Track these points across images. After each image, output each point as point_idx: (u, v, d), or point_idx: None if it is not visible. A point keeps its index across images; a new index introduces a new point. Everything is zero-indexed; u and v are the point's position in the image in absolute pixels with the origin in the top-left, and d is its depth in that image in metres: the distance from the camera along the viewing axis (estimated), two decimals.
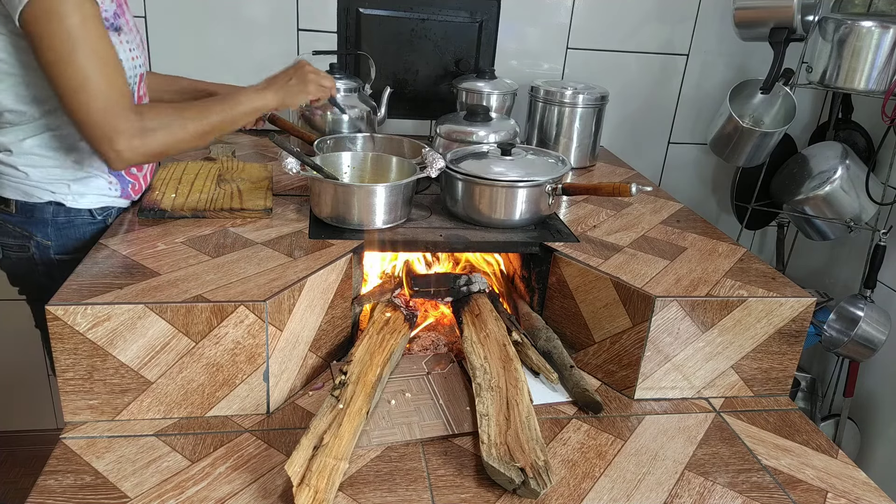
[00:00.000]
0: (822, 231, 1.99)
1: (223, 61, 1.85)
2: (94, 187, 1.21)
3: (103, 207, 1.24)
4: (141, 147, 1.07)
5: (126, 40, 1.15)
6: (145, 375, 1.01)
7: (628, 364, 1.19)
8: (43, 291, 1.17)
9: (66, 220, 1.20)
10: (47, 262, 1.21)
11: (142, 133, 1.06)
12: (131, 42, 1.17)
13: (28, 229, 1.19)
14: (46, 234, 1.19)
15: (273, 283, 1.07)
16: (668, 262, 1.26)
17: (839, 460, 1.08)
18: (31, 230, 1.19)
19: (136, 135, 1.06)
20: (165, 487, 0.91)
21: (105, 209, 1.24)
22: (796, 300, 1.17)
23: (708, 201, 2.31)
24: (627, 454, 1.05)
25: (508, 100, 1.83)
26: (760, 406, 1.21)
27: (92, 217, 1.22)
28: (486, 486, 0.95)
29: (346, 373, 1.09)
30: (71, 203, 1.19)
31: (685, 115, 2.17)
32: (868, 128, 2.04)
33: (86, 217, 1.22)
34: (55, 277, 1.14)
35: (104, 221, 1.25)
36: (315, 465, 0.90)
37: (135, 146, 1.06)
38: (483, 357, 1.16)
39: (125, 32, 1.16)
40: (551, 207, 1.37)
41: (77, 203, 1.20)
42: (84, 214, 1.21)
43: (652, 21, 2.04)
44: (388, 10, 1.89)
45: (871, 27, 1.66)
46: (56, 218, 1.19)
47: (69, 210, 1.19)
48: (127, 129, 1.05)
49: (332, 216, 1.28)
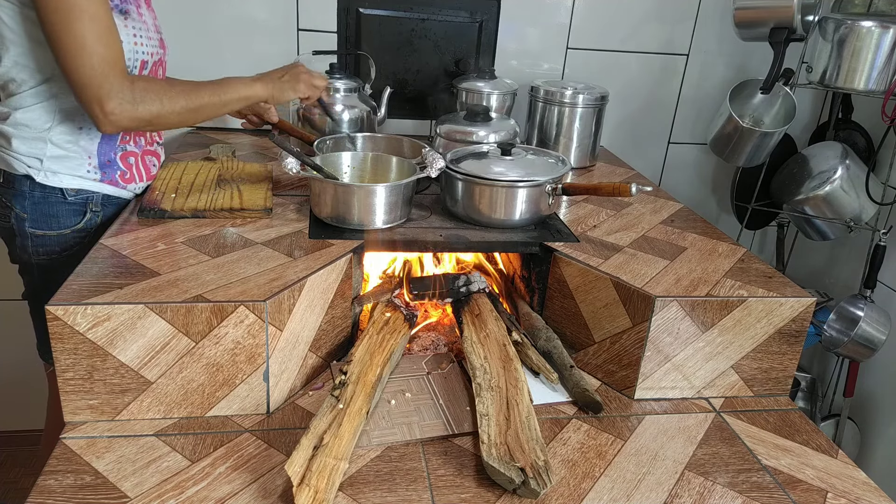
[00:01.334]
0: (822, 231, 1.99)
1: (223, 61, 1.85)
2: (68, 167, 1.22)
3: (78, 189, 1.24)
4: (131, 111, 1.11)
5: (133, 26, 1.20)
6: (145, 375, 1.01)
7: (628, 364, 1.19)
8: (23, 264, 1.28)
9: (42, 196, 1.22)
10: (23, 234, 1.23)
11: (132, 99, 1.11)
12: (139, 30, 1.22)
13: (10, 200, 1.22)
14: (24, 207, 1.21)
15: (273, 283, 1.07)
16: (668, 262, 1.26)
17: (839, 460, 1.08)
18: (11, 201, 1.22)
19: (127, 99, 1.11)
20: (165, 487, 0.91)
21: (81, 192, 1.24)
22: (796, 300, 1.17)
23: (708, 201, 2.31)
24: (627, 454, 1.05)
25: (508, 100, 1.83)
26: (760, 406, 1.21)
27: (64, 197, 1.23)
28: (486, 486, 0.95)
29: (346, 373, 1.09)
30: (41, 179, 1.20)
31: (685, 115, 2.17)
32: (868, 128, 2.04)
33: (59, 196, 1.22)
34: (29, 251, 1.24)
35: (83, 205, 1.25)
36: (315, 465, 0.90)
37: (125, 109, 1.10)
38: (483, 357, 1.16)
39: (133, 19, 1.20)
40: (551, 207, 1.37)
41: (48, 180, 1.20)
42: (57, 193, 1.22)
43: (652, 21, 2.04)
44: (388, 10, 1.89)
45: (871, 27, 1.66)
46: (33, 192, 1.21)
47: (44, 187, 1.21)
48: (118, 93, 1.09)
49: (332, 216, 1.28)
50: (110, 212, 1.29)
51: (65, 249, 1.25)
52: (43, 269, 1.26)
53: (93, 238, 1.25)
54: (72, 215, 1.24)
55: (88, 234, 1.26)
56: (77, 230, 1.25)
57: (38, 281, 1.27)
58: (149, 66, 1.26)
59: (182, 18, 1.80)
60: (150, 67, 1.27)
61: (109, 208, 1.29)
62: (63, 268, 1.22)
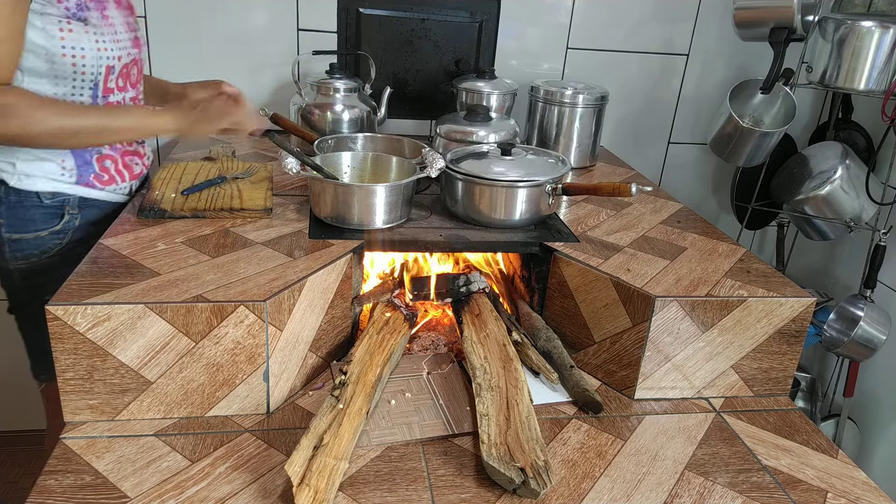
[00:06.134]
0: (822, 231, 1.99)
1: (223, 61, 1.85)
2: (42, 170, 1.20)
3: (54, 192, 1.22)
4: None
5: (95, 32, 1.17)
6: (145, 375, 1.01)
7: (628, 364, 1.19)
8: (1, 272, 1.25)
9: (17, 201, 1.20)
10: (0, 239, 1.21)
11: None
12: (102, 35, 1.18)
13: None
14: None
15: (273, 283, 1.07)
16: (668, 262, 1.26)
17: (839, 460, 1.08)
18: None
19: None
20: (165, 487, 0.91)
21: (56, 195, 1.22)
22: (796, 300, 1.17)
23: (708, 201, 2.31)
24: (627, 454, 1.05)
25: (508, 100, 1.83)
26: (760, 406, 1.21)
27: (40, 201, 1.21)
28: (486, 486, 0.95)
29: (346, 373, 1.09)
30: (15, 183, 1.18)
31: (685, 115, 2.17)
32: (868, 128, 2.04)
33: (34, 200, 1.20)
34: (6, 256, 1.21)
35: (60, 208, 1.23)
36: (315, 465, 0.90)
37: None
38: (483, 357, 1.16)
39: (94, 25, 1.17)
40: (551, 207, 1.37)
41: (22, 184, 1.19)
42: (32, 197, 1.20)
43: (652, 21, 2.04)
44: (388, 10, 1.89)
45: (871, 27, 1.66)
46: (8, 197, 1.19)
47: (19, 191, 1.19)
48: None
49: (332, 216, 1.28)
50: (91, 214, 1.28)
51: (44, 252, 1.23)
52: (22, 273, 1.24)
53: (73, 240, 1.24)
54: (49, 218, 1.22)
55: (67, 236, 1.25)
56: (54, 232, 1.23)
57: (18, 287, 1.26)
58: (116, 71, 1.23)
59: (182, 18, 1.80)
60: (119, 71, 1.23)
61: (89, 210, 1.27)
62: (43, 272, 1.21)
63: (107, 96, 1.23)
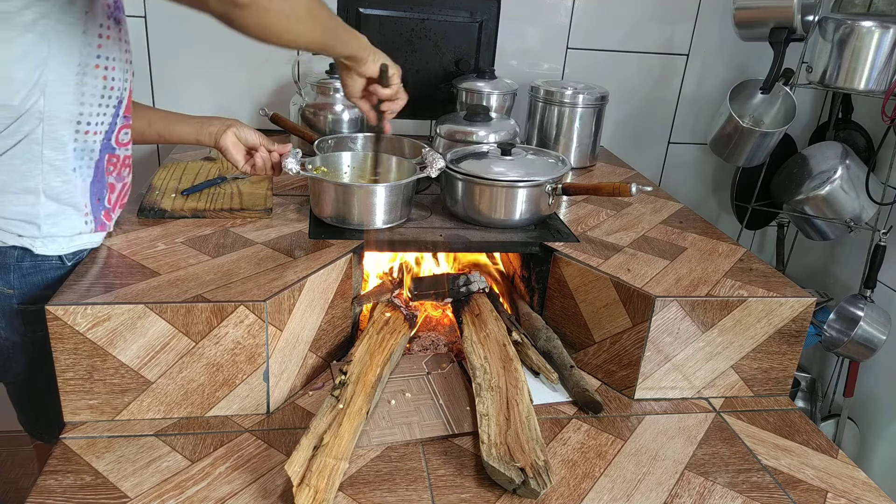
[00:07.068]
0: (822, 231, 1.99)
1: (223, 62, 1.84)
2: (68, 227, 1.04)
3: (76, 251, 1.07)
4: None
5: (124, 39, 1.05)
6: (145, 375, 1.01)
7: (628, 364, 1.19)
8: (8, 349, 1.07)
9: (32, 265, 1.03)
10: (8, 313, 1.03)
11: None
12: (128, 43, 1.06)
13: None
14: (9, 282, 1.01)
15: (273, 283, 1.07)
16: (668, 262, 1.26)
17: (839, 460, 1.08)
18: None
19: None
20: (165, 487, 0.91)
21: (77, 253, 1.07)
22: (796, 300, 1.17)
23: (708, 201, 2.31)
24: (627, 454, 1.05)
25: (508, 100, 1.83)
26: (760, 406, 1.21)
27: (62, 263, 1.06)
28: (486, 486, 0.95)
29: (346, 373, 1.09)
30: (40, 249, 1.02)
31: (685, 115, 2.17)
32: (868, 128, 2.04)
33: (54, 263, 1.05)
34: (20, 332, 1.05)
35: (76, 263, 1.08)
36: (315, 465, 0.90)
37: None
38: (483, 357, 1.16)
39: (124, 31, 1.05)
40: (551, 207, 1.37)
41: (46, 248, 1.02)
42: (52, 260, 1.04)
43: (652, 21, 2.04)
44: (388, 10, 1.89)
45: (871, 27, 1.66)
46: (21, 263, 1.02)
47: (36, 256, 1.02)
48: None
49: (333, 216, 1.28)
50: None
51: None
52: (40, 343, 1.01)
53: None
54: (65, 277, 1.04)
55: None
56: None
57: (36, 355, 1.08)
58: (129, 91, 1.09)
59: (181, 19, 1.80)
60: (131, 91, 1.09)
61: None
62: None
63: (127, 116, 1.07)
